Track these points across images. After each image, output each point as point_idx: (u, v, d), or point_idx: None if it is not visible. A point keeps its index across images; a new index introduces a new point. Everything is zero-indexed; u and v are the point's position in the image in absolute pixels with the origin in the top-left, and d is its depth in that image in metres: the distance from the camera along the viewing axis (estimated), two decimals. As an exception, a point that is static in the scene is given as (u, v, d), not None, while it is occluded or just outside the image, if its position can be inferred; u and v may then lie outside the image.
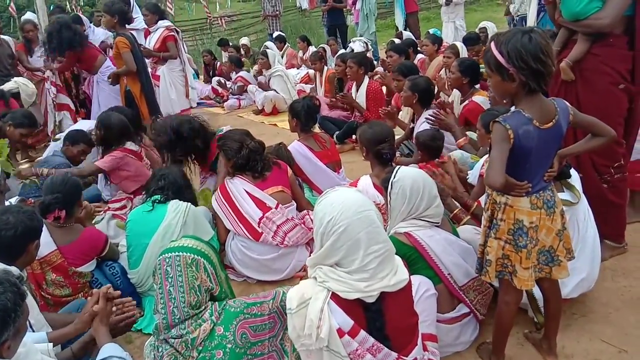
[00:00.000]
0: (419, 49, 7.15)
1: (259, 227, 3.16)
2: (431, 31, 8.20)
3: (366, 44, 8.17)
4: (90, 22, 6.54)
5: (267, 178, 3.30)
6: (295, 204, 3.41)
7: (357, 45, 8.12)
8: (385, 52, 6.90)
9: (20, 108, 5.58)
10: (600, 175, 2.94)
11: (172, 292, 2.07)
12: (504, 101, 3.40)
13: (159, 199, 3.04)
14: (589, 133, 2.17)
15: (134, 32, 5.26)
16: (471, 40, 6.42)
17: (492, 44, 1.92)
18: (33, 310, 2.19)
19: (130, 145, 4.09)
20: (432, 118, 3.90)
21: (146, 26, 6.25)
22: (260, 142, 3.41)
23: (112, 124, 4.00)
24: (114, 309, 2.17)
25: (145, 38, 6.31)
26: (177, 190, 3.10)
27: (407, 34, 8.28)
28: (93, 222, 3.62)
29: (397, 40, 7.82)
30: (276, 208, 3.21)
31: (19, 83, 5.76)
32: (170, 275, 2.09)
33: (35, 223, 2.32)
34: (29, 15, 7.08)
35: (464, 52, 5.88)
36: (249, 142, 3.29)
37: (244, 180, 3.26)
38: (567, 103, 2.04)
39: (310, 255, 3.21)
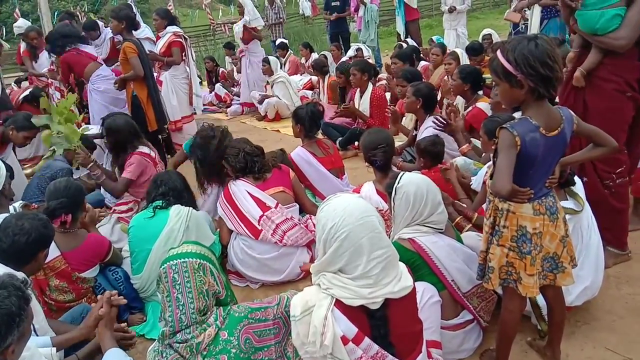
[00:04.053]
0: (421, 56, 7.14)
1: (258, 224, 3.24)
2: (434, 38, 8.20)
3: (360, 49, 8.17)
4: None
5: (267, 179, 3.41)
6: (297, 206, 3.48)
7: (351, 52, 8.14)
8: (390, 59, 6.89)
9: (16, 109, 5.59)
10: (602, 181, 2.96)
11: (181, 299, 2.07)
12: (503, 108, 3.43)
13: (161, 204, 3.05)
14: (591, 142, 2.18)
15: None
16: (474, 50, 6.34)
17: (499, 52, 1.93)
18: (38, 316, 2.20)
19: (143, 148, 3.93)
20: (439, 122, 3.89)
21: (149, 35, 6.28)
22: (258, 147, 3.54)
23: (120, 127, 3.86)
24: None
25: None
26: (177, 195, 3.13)
27: (410, 43, 8.28)
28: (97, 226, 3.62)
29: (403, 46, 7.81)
30: (275, 207, 3.29)
31: None
32: (178, 282, 2.08)
33: (49, 231, 2.33)
34: (21, 22, 7.25)
35: (464, 58, 5.87)
36: (245, 146, 3.44)
37: (245, 182, 3.37)
38: (572, 112, 2.05)
39: (310, 258, 3.27)
